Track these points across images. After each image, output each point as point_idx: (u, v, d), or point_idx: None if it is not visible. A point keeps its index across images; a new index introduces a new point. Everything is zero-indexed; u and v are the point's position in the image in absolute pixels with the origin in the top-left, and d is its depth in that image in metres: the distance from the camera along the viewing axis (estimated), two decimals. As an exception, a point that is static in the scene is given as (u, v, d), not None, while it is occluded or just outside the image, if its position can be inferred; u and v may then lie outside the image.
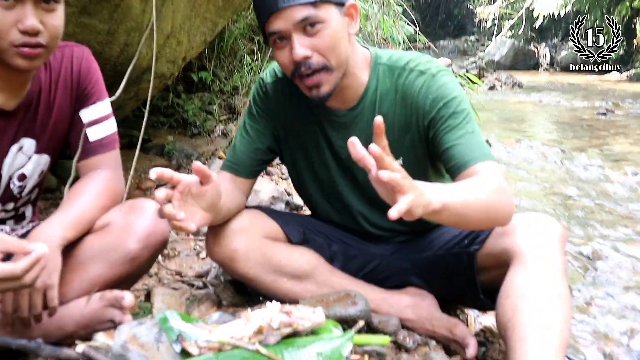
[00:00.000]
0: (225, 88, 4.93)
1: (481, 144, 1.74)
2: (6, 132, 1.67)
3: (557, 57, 16.53)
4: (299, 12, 1.66)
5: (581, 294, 2.65)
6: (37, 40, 1.51)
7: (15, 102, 1.66)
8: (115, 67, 2.82)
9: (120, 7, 2.49)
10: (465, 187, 1.56)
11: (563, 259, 1.66)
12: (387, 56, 1.89)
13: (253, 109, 2.01)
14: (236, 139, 2.02)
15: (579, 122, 7.82)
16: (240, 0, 3.73)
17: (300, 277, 1.97)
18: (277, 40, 1.72)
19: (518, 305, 1.56)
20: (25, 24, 1.48)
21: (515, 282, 1.62)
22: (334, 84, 1.76)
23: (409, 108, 1.82)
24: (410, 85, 1.83)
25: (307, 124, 1.95)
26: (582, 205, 4.07)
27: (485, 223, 1.64)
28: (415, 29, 5.33)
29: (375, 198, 1.97)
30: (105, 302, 1.64)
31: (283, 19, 1.67)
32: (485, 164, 1.68)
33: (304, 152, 2.00)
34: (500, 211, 1.61)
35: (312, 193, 2.06)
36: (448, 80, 1.81)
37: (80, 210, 1.69)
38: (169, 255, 2.64)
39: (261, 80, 2.01)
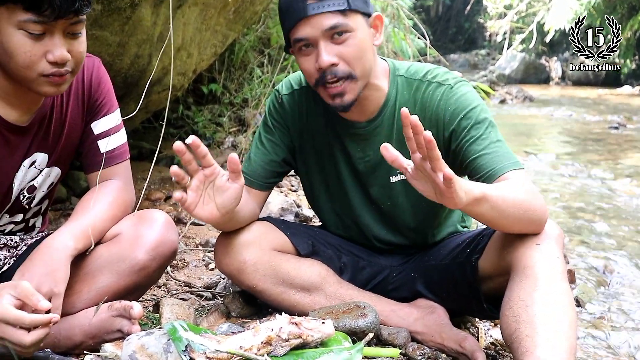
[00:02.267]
0: (235, 100, 4.95)
1: (507, 152, 1.74)
2: (19, 147, 1.67)
3: (569, 71, 16.51)
4: (328, 19, 1.67)
5: (594, 308, 2.62)
6: (65, 69, 1.52)
7: (28, 117, 1.66)
8: (125, 79, 2.83)
9: (132, 19, 2.50)
10: (502, 186, 1.59)
11: (562, 261, 1.64)
12: (405, 68, 1.90)
13: (268, 121, 2.01)
14: (251, 151, 2.02)
15: (590, 136, 7.78)
16: (251, 14, 3.75)
17: (309, 289, 1.96)
18: (302, 48, 1.73)
19: (521, 316, 1.54)
20: (55, 55, 1.48)
21: (516, 291, 1.60)
22: (357, 93, 1.77)
23: (428, 120, 1.82)
24: (430, 97, 1.83)
25: (324, 136, 1.96)
26: (594, 219, 4.04)
27: (521, 224, 1.64)
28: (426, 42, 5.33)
29: (386, 214, 1.98)
30: (114, 312, 1.63)
31: (311, 26, 1.68)
32: (514, 173, 1.69)
33: (318, 165, 2.00)
34: (536, 212, 1.63)
35: (323, 205, 2.06)
36: (467, 91, 1.82)
37: (91, 220, 1.69)
38: (178, 266, 2.63)
39: (277, 92, 2.02)
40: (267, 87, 4.97)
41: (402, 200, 1.94)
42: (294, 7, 1.68)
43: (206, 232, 3.09)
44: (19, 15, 1.42)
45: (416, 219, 1.98)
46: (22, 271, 1.55)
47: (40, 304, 1.41)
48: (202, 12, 3.07)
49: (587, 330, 2.36)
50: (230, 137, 4.68)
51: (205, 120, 4.68)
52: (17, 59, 1.47)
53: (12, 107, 1.61)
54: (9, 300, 1.41)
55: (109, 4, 2.33)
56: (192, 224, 3.18)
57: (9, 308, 1.39)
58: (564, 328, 1.50)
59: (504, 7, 17.10)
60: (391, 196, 1.95)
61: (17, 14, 1.42)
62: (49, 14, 1.42)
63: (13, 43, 1.45)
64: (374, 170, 1.93)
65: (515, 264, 1.65)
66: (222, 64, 4.91)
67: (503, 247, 1.72)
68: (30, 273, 1.53)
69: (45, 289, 1.51)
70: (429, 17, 20.69)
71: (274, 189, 3.82)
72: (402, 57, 5.75)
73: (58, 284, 1.53)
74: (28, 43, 1.45)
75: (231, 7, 3.31)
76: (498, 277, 1.77)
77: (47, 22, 1.44)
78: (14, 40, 1.45)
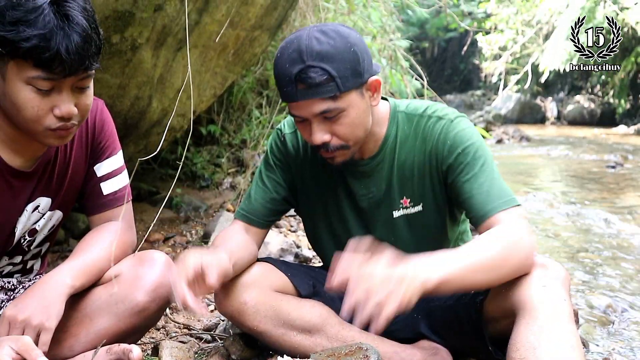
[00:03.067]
0: (234, 141, 4.97)
1: (501, 190, 1.74)
2: (23, 192, 1.66)
3: (564, 110, 16.64)
4: (318, 106, 1.68)
5: (599, 348, 2.58)
6: (72, 123, 1.52)
7: (33, 163, 1.66)
8: (125, 120, 2.85)
9: (132, 61, 2.53)
10: (469, 251, 1.59)
11: (569, 302, 1.63)
12: (405, 105, 1.93)
13: (270, 159, 2.02)
14: (251, 189, 2.03)
15: (588, 175, 7.79)
16: (250, 55, 3.79)
17: (311, 330, 1.93)
18: (296, 120, 1.76)
19: (529, 359, 1.52)
20: (62, 111, 1.48)
21: (523, 333, 1.58)
22: (351, 155, 1.81)
23: (427, 153, 1.85)
24: (430, 131, 1.85)
25: (327, 174, 1.97)
26: (594, 258, 4.01)
27: (496, 281, 1.64)
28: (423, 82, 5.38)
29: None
30: (113, 355, 1.60)
31: (302, 109, 1.70)
32: (505, 213, 1.70)
33: (321, 204, 2.00)
34: (511, 266, 1.62)
35: (325, 245, 2.05)
36: (466, 126, 1.83)
37: (90, 260, 1.68)
38: (177, 308, 2.60)
39: (279, 131, 2.03)
40: (265, 128, 4.99)
41: (405, 235, 1.94)
42: (285, 88, 1.69)
43: (205, 274, 3.05)
44: (28, 72, 1.42)
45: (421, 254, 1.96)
46: (16, 302, 1.54)
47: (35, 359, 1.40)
48: (202, 54, 3.11)
49: (593, 371, 2.32)
50: (229, 178, 4.69)
51: (204, 161, 4.69)
52: (24, 112, 1.47)
53: (17, 154, 1.61)
54: (8, 352, 1.40)
55: (109, 47, 2.35)
56: (191, 265, 3.14)
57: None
58: None
59: (498, 49, 17.31)
60: (394, 231, 1.94)
61: (27, 70, 1.42)
62: (59, 72, 1.42)
63: (21, 97, 1.45)
64: (377, 206, 1.93)
65: (521, 305, 1.63)
66: (221, 106, 4.95)
67: (508, 288, 1.70)
68: (23, 305, 1.52)
69: (36, 321, 1.49)
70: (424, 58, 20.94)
71: (273, 229, 3.83)
72: (400, 97, 5.79)
73: (50, 319, 1.51)
74: (36, 98, 1.45)
75: (230, 49, 3.35)
76: (503, 319, 1.74)
77: (56, 80, 1.44)
78: (22, 94, 1.45)
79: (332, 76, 1.64)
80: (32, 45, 1.37)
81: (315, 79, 1.63)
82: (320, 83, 1.64)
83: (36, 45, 1.37)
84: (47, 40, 1.37)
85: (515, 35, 16.74)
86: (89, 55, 1.45)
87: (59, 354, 1.65)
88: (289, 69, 1.66)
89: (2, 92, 1.47)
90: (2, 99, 1.49)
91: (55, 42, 1.38)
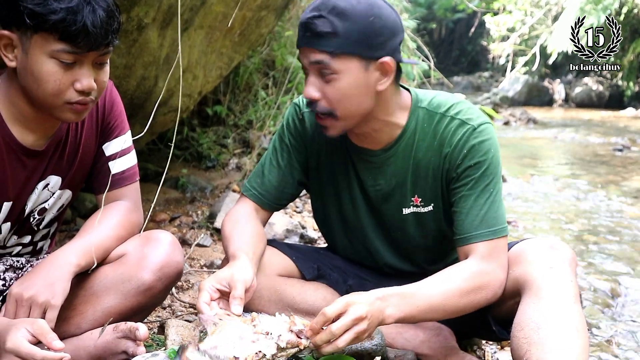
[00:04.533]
0: (240, 122, 4.97)
1: (495, 218, 1.74)
2: (35, 171, 1.68)
3: (572, 93, 16.53)
4: (314, 55, 1.67)
5: (601, 331, 2.59)
6: (90, 98, 1.54)
7: (45, 142, 1.67)
8: (132, 101, 2.85)
9: (138, 41, 2.52)
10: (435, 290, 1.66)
11: (575, 284, 1.64)
12: (428, 100, 1.85)
13: (286, 137, 1.98)
14: (265, 166, 1.99)
15: (594, 158, 7.76)
16: (257, 36, 3.78)
17: (315, 313, 1.92)
18: (303, 70, 1.75)
19: (533, 338, 1.53)
20: (84, 85, 1.51)
21: (528, 313, 1.59)
22: (342, 130, 1.77)
23: (444, 157, 1.80)
24: (450, 135, 1.79)
25: (340, 158, 1.94)
26: (599, 241, 4.02)
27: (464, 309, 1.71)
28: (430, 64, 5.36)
29: (397, 242, 1.96)
30: (119, 333, 1.62)
31: (304, 56, 1.70)
32: (487, 245, 1.72)
33: (334, 186, 1.98)
34: (473, 307, 1.70)
35: (334, 227, 2.04)
36: (487, 137, 1.78)
37: (97, 239, 1.70)
38: (183, 287, 2.62)
39: (297, 107, 1.99)
40: (271, 109, 4.99)
41: (414, 231, 1.93)
42: (299, 33, 1.71)
43: (211, 254, 3.08)
44: (53, 45, 1.44)
45: (427, 250, 1.97)
46: (22, 281, 1.56)
47: (53, 344, 1.42)
48: (208, 34, 3.10)
49: (596, 354, 2.34)
50: (235, 158, 4.69)
51: (210, 142, 4.69)
52: (46, 86, 1.48)
53: (30, 132, 1.62)
54: (24, 334, 1.42)
55: (116, 27, 2.34)
56: (197, 245, 3.17)
57: (23, 342, 1.41)
58: (577, 351, 1.49)
59: (506, 30, 17.17)
60: (403, 227, 1.93)
61: (52, 43, 1.44)
62: (83, 45, 1.44)
63: (44, 70, 1.47)
64: (385, 199, 1.91)
65: (527, 286, 1.64)
66: (227, 86, 4.94)
67: (515, 269, 1.72)
68: (29, 283, 1.54)
69: (42, 299, 1.51)
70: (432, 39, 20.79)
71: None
72: (407, 80, 5.77)
73: (55, 297, 1.52)
74: (59, 72, 1.48)
75: (236, 30, 3.34)
76: (509, 300, 1.75)
77: (79, 53, 1.46)
78: (45, 68, 1.47)
79: (336, 32, 1.62)
80: (60, 18, 1.40)
81: (318, 27, 1.63)
82: (322, 34, 1.63)
83: (63, 18, 1.40)
84: (74, 13, 1.40)
85: (523, 16, 16.60)
86: (112, 30, 1.48)
87: (66, 332, 1.67)
88: (305, 15, 1.68)
89: (24, 66, 1.49)
90: (23, 74, 1.50)
91: (82, 16, 1.41)
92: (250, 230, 1.88)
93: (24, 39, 1.46)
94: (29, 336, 1.42)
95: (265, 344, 1.48)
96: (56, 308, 1.52)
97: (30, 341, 1.42)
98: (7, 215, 1.68)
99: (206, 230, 3.39)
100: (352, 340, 1.52)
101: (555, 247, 1.71)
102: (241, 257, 1.73)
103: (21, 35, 1.46)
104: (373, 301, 1.56)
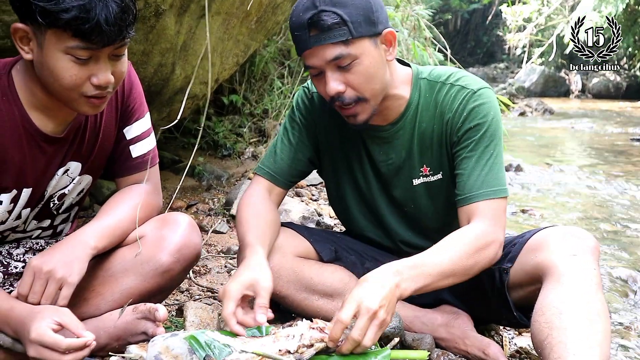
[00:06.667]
0: (256, 111, 4.97)
1: (496, 178, 1.75)
2: (55, 157, 1.68)
3: (589, 84, 16.39)
4: (330, 51, 1.65)
5: (621, 317, 2.58)
6: (107, 91, 1.53)
7: (64, 128, 1.67)
8: (149, 87, 2.85)
9: (156, 28, 2.53)
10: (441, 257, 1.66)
11: (598, 272, 1.62)
12: (428, 71, 1.89)
13: (296, 117, 2.00)
14: (276, 145, 2.01)
15: (612, 148, 7.70)
16: (273, 24, 3.77)
17: (332, 295, 1.95)
18: (313, 73, 1.74)
19: (554, 323, 1.52)
20: (100, 79, 1.49)
21: (550, 298, 1.58)
22: (371, 112, 1.77)
23: (445, 123, 1.83)
24: (450, 100, 1.82)
25: (350, 136, 1.96)
26: (618, 230, 3.99)
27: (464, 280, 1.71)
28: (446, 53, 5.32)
29: (410, 216, 1.97)
30: (139, 314, 1.63)
31: (316, 57, 1.68)
32: (488, 203, 1.73)
33: (346, 165, 1.99)
34: (479, 269, 1.71)
35: (350, 205, 2.05)
36: (486, 100, 1.80)
37: (115, 221, 1.70)
38: (200, 272, 2.64)
39: (306, 89, 2.02)
40: (287, 99, 4.99)
41: (425, 202, 1.94)
42: (299, 36, 1.68)
43: (227, 240, 3.09)
44: (67, 42, 1.42)
45: (440, 221, 1.96)
46: (42, 254, 1.57)
47: (77, 331, 1.45)
48: (225, 21, 3.10)
49: (615, 340, 2.32)
50: (251, 147, 4.70)
51: (226, 131, 4.70)
52: (62, 81, 1.47)
53: (49, 119, 1.62)
54: (49, 323, 1.44)
55: (133, 12, 2.35)
56: (214, 231, 3.18)
57: (48, 331, 1.42)
58: (599, 337, 1.47)
59: (523, 20, 17.04)
60: (414, 198, 1.94)
61: (65, 40, 1.42)
62: (98, 42, 1.42)
63: (59, 66, 1.45)
64: (396, 172, 1.93)
65: (550, 272, 1.63)
66: (243, 75, 4.94)
67: (537, 255, 1.71)
68: (49, 257, 1.54)
69: (59, 274, 1.51)
70: (447, 30, 20.68)
71: (294, 197, 3.85)
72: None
73: (72, 275, 1.53)
74: (74, 67, 1.46)
75: (253, 16, 3.34)
76: (529, 286, 1.75)
77: (94, 49, 1.44)
78: (59, 63, 1.45)
79: (344, 20, 1.62)
80: (72, 16, 1.37)
81: (327, 21, 1.62)
82: (332, 26, 1.62)
83: (76, 16, 1.38)
84: (87, 11, 1.38)
85: (540, 6, 16.46)
86: (126, 25, 1.45)
87: (86, 312, 1.69)
88: (303, 16, 1.65)
89: (39, 59, 1.48)
90: (39, 67, 1.49)
91: (95, 13, 1.38)
92: (265, 217, 1.89)
93: (38, 33, 1.44)
94: (54, 325, 1.44)
95: (287, 343, 1.48)
96: (72, 286, 1.53)
97: (55, 330, 1.43)
98: (27, 201, 1.69)
99: (222, 217, 3.41)
100: (378, 333, 1.51)
101: (578, 235, 1.70)
102: (258, 252, 1.75)
103: (35, 30, 1.44)
104: (387, 280, 1.56)
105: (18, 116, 1.57)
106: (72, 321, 1.47)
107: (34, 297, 1.52)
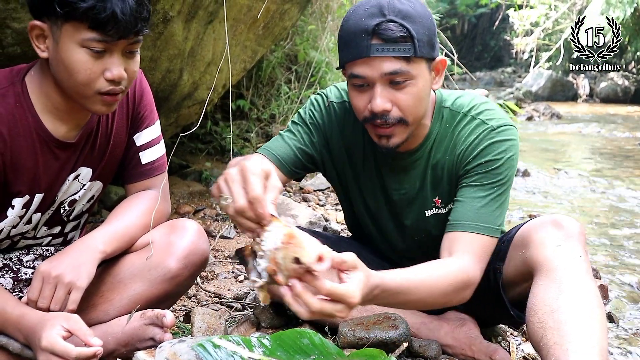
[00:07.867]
0: (263, 116, 4.99)
1: (490, 214, 1.69)
2: (67, 163, 1.69)
3: (597, 88, 16.33)
4: (391, 64, 1.57)
5: (629, 323, 2.57)
6: (120, 88, 1.55)
7: (76, 133, 1.68)
8: (157, 93, 2.86)
9: (164, 34, 2.54)
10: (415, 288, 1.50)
11: (585, 258, 1.60)
12: (452, 100, 1.82)
13: (307, 116, 1.92)
14: (284, 136, 1.92)
15: (621, 153, 7.67)
16: (280, 29, 3.79)
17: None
18: (357, 84, 1.65)
19: (548, 323, 1.50)
20: (114, 73, 1.51)
21: (540, 296, 1.56)
22: (406, 137, 1.70)
23: (456, 155, 1.78)
24: (467, 134, 1.77)
25: (365, 157, 1.90)
26: (626, 235, 3.97)
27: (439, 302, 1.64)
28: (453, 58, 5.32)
29: (420, 243, 1.95)
30: (146, 320, 1.64)
31: (371, 67, 1.59)
32: (474, 238, 1.66)
33: (357, 183, 1.95)
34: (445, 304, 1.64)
35: (360, 217, 2.03)
36: (505, 139, 1.74)
37: (124, 226, 1.71)
38: (208, 277, 2.64)
39: (325, 96, 1.93)
40: (294, 104, 5.00)
41: (435, 232, 1.88)
42: (356, 42, 1.58)
43: (235, 245, 3.10)
44: (83, 34, 1.45)
45: None
46: (51, 260, 1.58)
47: (86, 338, 1.46)
48: (232, 27, 3.11)
49: (622, 347, 2.31)
50: (258, 152, 4.70)
51: (233, 136, 4.72)
52: (77, 75, 1.50)
53: (62, 123, 1.64)
54: (59, 331, 1.45)
55: (142, 19, 2.36)
56: (221, 237, 3.19)
57: (58, 339, 1.44)
58: (593, 331, 1.45)
59: (530, 25, 17.00)
60: (426, 228, 1.92)
61: (82, 32, 1.45)
62: (113, 33, 1.45)
63: (74, 60, 1.48)
64: (409, 203, 1.89)
65: (537, 268, 1.61)
66: (250, 81, 4.96)
67: (524, 252, 1.69)
68: (57, 262, 1.56)
69: (68, 279, 1.53)
70: (454, 35, 20.68)
71: (301, 202, 3.85)
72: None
73: (81, 279, 1.55)
74: (89, 61, 1.48)
75: (260, 22, 3.35)
76: (523, 282, 1.74)
77: (109, 42, 1.47)
78: (75, 57, 1.48)
79: (411, 35, 1.56)
80: (89, 5, 1.41)
81: (395, 33, 1.55)
82: (398, 39, 1.55)
83: (93, 5, 1.42)
84: (104, 1, 1.42)
85: (547, 10, 16.42)
86: (141, 18, 1.49)
87: (94, 318, 1.70)
88: (366, 22, 1.56)
89: (55, 56, 1.50)
90: (54, 64, 1.52)
91: (111, 4, 1.43)
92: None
93: (54, 28, 1.47)
94: (64, 332, 1.45)
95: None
96: (80, 290, 1.55)
97: (64, 337, 1.45)
98: (38, 206, 1.70)
99: (230, 222, 3.41)
100: (324, 315, 1.26)
101: (560, 223, 1.66)
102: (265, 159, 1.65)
103: (52, 25, 1.47)
104: (369, 291, 1.37)
105: (32, 122, 1.59)
106: (82, 328, 1.48)
107: (44, 301, 1.53)
